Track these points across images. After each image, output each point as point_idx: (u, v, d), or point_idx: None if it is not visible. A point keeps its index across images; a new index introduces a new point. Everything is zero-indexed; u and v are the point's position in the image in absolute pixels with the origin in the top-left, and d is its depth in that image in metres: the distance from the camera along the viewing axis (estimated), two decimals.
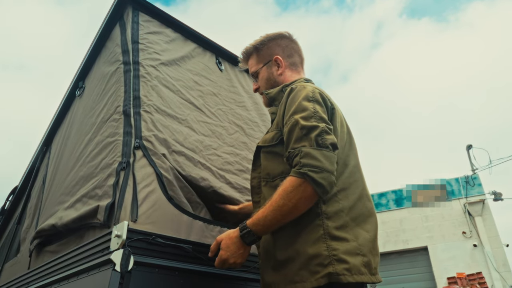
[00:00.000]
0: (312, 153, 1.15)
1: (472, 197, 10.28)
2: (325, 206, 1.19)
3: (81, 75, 2.67)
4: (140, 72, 2.06)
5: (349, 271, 1.08)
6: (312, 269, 1.10)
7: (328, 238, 1.13)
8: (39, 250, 2.07)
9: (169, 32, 2.52)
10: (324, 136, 1.19)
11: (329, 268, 1.07)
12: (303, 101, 1.28)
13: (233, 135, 2.36)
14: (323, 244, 1.12)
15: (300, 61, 1.62)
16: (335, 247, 1.11)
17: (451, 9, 64.72)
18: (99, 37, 2.51)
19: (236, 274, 1.56)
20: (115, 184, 1.53)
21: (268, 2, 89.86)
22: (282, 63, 1.57)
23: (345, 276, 1.06)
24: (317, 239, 1.13)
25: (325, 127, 1.21)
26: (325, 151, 1.16)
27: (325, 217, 1.17)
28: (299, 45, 1.65)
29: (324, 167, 1.14)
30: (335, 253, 1.10)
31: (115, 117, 1.90)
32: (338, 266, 1.07)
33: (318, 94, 1.32)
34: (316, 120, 1.22)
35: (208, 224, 1.65)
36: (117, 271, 1.16)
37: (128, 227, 1.29)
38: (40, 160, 2.97)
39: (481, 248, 9.68)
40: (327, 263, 1.08)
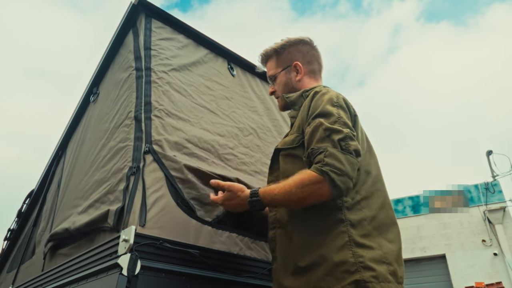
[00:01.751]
0: (337, 155, 1.16)
1: (493, 204, 10.01)
2: (349, 213, 1.19)
3: (96, 81, 2.73)
4: (152, 77, 2.09)
5: (376, 279, 1.07)
6: (338, 275, 1.09)
7: (354, 245, 1.12)
8: (52, 253, 2.11)
9: (181, 38, 2.55)
10: (348, 141, 1.19)
11: (356, 276, 1.07)
12: (327, 105, 1.29)
13: (248, 137, 2.36)
14: (349, 251, 1.11)
15: (319, 68, 1.61)
16: (361, 254, 1.10)
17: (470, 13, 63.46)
18: (113, 43, 2.56)
19: (244, 280, 1.56)
20: (125, 189, 1.55)
21: (284, 8, 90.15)
22: (301, 70, 1.57)
23: (372, 284, 1.05)
24: (342, 246, 1.13)
25: (350, 132, 1.22)
26: (349, 156, 1.17)
27: (349, 224, 1.17)
28: (319, 52, 1.64)
29: (346, 171, 1.15)
30: (362, 260, 1.09)
31: (127, 122, 1.93)
32: (365, 274, 1.07)
33: (342, 99, 1.33)
34: (340, 125, 1.23)
35: (217, 230, 1.65)
36: (124, 275, 1.17)
37: (136, 231, 1.30)
38: (56, 164, 3.03)
39: (501, 257, 9.40)
40: (354, 270, 1.07)
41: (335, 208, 1.20)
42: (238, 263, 1.59)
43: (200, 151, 1.90)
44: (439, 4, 63.94)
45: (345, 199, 1.21)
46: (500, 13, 44.98)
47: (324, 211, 1.21)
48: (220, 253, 1.55)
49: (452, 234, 10.24)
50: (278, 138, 2.66)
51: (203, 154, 1.89)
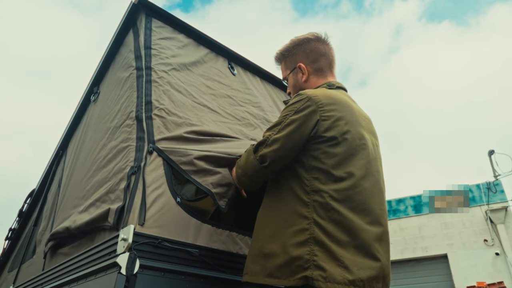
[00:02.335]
0: (247, 152, 1.44)
1: (494, 204, 9.98)
2: (315, 212, 1.21)
3: (96, 80, 2.73)
4: (152, 77, 2.08)
5: (324, 278, 1.11)
6: (293, 269, 1.15)
7: (313, 243, 1.16)
8: (53, 252, 2.11)
9: (182, 37, 2.55)
10: (262, 146, 1.36)
11: (306, 272, 1.12)
12: (285, 109, 1.39)
13: (254, 131, 2.34)
14: (307, 248, 1.16)
15: (327, 64, 1.59)
16: (316, 254, 1.14)
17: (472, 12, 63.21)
18: (113, 43, 2.56)
19: None
20: (126, 188, 1.55)
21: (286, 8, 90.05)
22: (305, 70, 1.58)
23: (318, 282, 1.10)
24: (303, 242, 1.17)
25: (272, 138, 1.33)
26: (252, 158, 1.38)
27: (313, 223, 1.20)
28: (327, 46, 1.61)
29: (242, 167, 1.44)
30: (316, 258, 1.13)
31: (128, 122, 1.93)
32: (315, 272, 1.12)
33: (307, 105, 1.33)
34: (274, 129, 1.35)
35: (217, 228, 1.65)
36: (123, 274, 1.17)
37: (135, 230, 1.30)
38: (56, 164, 3.04)
39: (503, 257, 9.38)
40: (306, 267, 1.13)
41: (303, 204, 1.24)
42: (238, 262, 1.58)
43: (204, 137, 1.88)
44: (441, 4, 63.76)
45: (315, 197, 1.23)
46: (502, 13, 44.82)
47: (293, 206, 1.25)
48: (220, 252, 1.55)
49: (454, 233, 10.22)
50: None
51: (207, 147, 1.87)
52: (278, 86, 3.19)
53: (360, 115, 1.44)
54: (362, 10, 78.19)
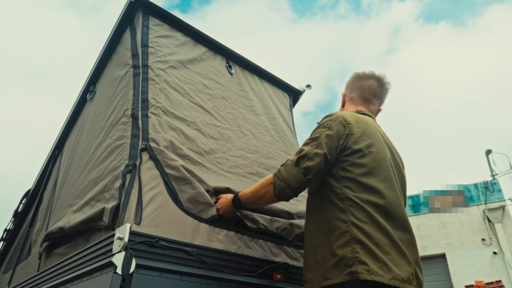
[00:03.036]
0: (287, 166, 1.47)
1: (492, 203, 10.00)
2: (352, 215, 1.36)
3: (92, 79, 2.70)
4: (149, 75, 2.06)
5: (368, 272, 1.24)
6: (340, 268, 1.29)
7: (354, 242, 1.30)
8: (48, 253, 2.08)
9: (179, 35, 2.53)
10: (304, 160, 1.44)
11: (351, 268, 1.26)
12: (319, 127, 1.54)
13: (243, 138, 2.33)
14: (349, 247, 1.30)
15: (358, 96, 1.81)
16: (357, 251, 1.28)
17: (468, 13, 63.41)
18: (110, 41, 2.53)
19: (243, 279, 1.53)
20: (121, 186, 1.53)
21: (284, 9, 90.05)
22: (343, 99, 1.88)
23: (363, 274, 1.23)
24: (345, 243, 1.31)
25: (312, 152, 1.44)
26: (296, 171, 1.43)
27: (351, 225, 1.34)
28: (367, 82, 1.82)
29: (286, 179, 1.44)
30: (358, 255, 1.27)
31: (124, 120, 1.91)
32: (359, 267, 1.25)
33: (337, 121, 1.52)
34: (312, 145, 1.46)
35: (215, 227, 1.63)
36: (118, 273, 1.15)
37: (131, 229, 1.28)
38: (52, 163, 3.00)
39: (501, 256, 9.39)
40: (351, 264, 1.26)
41: (340, 210, 1.39)
42: (236, 262, 1.56)
43: (193, 154, 1.88)
44: (438, 4, 64.02)
45: (349, 203, 1.38)
46: (498, 13, 44.99)
47: (332, 213, 1.40)
48: (218, 251, 1.53)
49: (452, 233, 10.23)
50: (276, 137, 2.63)
51: (196, 158, 1.88)
52: (277, 85, 3.18)
53: (382, 136, 1.62)
54: (360, 11, 78.39)
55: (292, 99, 3.34)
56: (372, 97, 1.81)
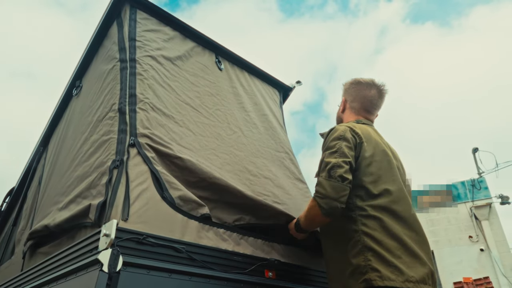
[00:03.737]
0: (322, 183, 1.47)
1: (479, 200, 10.13)
2: (362, 224, 1.43)
3: (78, 74, 2.64)
4: (137, 69, 2.02)
5: (380, 278, 1.30)
6: (356, 277, 1.36)
7: (366, 250, 1.38)
8: (32, 252, 2.02)
9: (168, 30, 2.48)
10: (335, 169, 1.46)
11: (365, 276, 1.33)
12: (333, 140, 1.59)
13: (232, 136, 2.30)
14: (362, 256, 1.37)
15: (362, 107, 1.88)
16: (369, 258, 1.35)
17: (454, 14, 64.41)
18: (96, 35, 2.47)
19: (233, 276, 1.50)
20: (108, 182, 1.48)
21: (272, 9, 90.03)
22: (343, 104, 1.95)
23: (376, 281, 1.30)
24: (357, 253, 1.39)
25: (339, 161, 1.48)
26: (333, 182, 1.44)
27: (362, 233, 1.42)
28: (370, 92, 1.88)
29: (327, 195, 1.43)
30: (370, 263, 1.35)
31: (111, 115, 1.86)
32: (372, 274, 1.32)
33: (348, 132, 1.60)
34: (335, 156, 1.51)
35: (204, 225, 1.59)
36: (105, 271, 1.10)
37: (118, 226, 1.23)
38: (37, 160, 2.92)
39: (488, 253, 9.52)
40: (365, 272, 1.34)
41: (351, 220, 1.46)
42: (227, 259, 1.53)
43: (184, 150, 1.85)
44: (424, 5, 64.81)
45: (359, 212, 1.46)
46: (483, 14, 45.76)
47: (345, 225, 1.48)
48: (208, 248, 1.49)
49: (439, 230, 10.34)
50: (265, 134, 2.60)
51: (187, 152, 1.84)
52: (266, 82, 3.15)
53: (382, 142, 1.71)
54: (348, 11, 78.92)
55: (282, 95, 3.32)
56: (372, 108, 1.89)
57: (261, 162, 2.32)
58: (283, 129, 2.94)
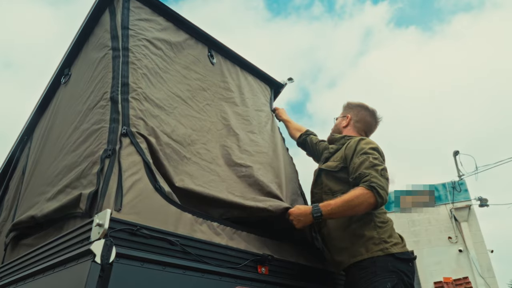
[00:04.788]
0: (379, 178, 1.78)
1: (459, 202, 10.35)
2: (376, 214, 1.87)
3: (67, 62, 2.56)
4: (130, 58, 1.97)
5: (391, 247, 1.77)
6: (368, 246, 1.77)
7: (378, 227, 1.82)
8: (15, 244, 1.94)
9: (161, 20, 2.42)
10: (385, 172, 1.83)
11: (380, 246, 1.76)
12: (371, 149, 1.92)
13: (221, 131, 2.27)
14: (375, 231, 1.81)
15: (363, 128, 2.27)
16: (382, 233, 1.81)
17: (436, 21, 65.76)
18: (87, 22, 2.40)
19: (227, 271, 1.47)
20: (99, 171, 1.44)
21: (259, 8, 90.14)
22: (348, 120, 2.30)
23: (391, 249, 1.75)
24: (371, 228, 1.82)
25: (385, 167, 1.86)
26: (386, 180, 1.80)
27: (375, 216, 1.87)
28: (373, 121, 2.30)
29: (385, 188, 1.77)
30: (383, 236, 1.79)
31: (102, 103, 1.81)
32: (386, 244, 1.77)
33: (378, 147, 1.99)
34: (380, 161, 1.87)
35: (197, 218, 1.56)
36: (97, 262, 1.06)
37: (111, 216, 1.19)
38: (20, 150, 2.82)
39: (466, 254, 9.74)
40: (378, 242, 1.77)
41: None
42: (221, 253, 1.50)
43: (174, 143, 1.82)
44: (408, 10, 66.00)
45: None
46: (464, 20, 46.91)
47: None
48: (202, 242, 1.46)
49: (420, 231, 10.52)
50: (254, 130, 2.56)
51: (177, 146, 1.82)
52: (258, 77, 3.12)
53: None
54: (334, 13, 79.73)
55: (273, 92, 3.30)
56: (369, 133, 2.30)
57: (250, 158, 2.29)
58: (273, 126, 2.92)
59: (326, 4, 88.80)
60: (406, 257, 1.77)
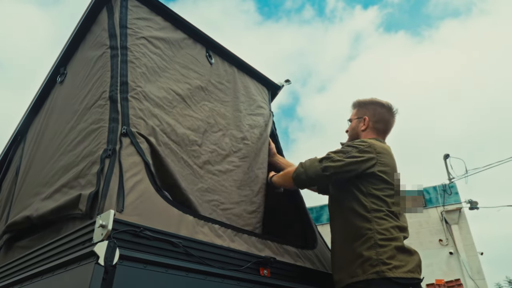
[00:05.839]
0: (312, 159, 1.81)
1: (449, 205, 10.46)
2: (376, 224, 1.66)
3: (63, 61, 2.51)
4: (129, 57, 1.94)
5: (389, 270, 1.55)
6: (365, 268, 1.59)
7: (377, 246, 1.61)
8: (8, 246, 1.89)
9: (159, 20, 2.40)
10: (327, 160, 1.76)
11: (376, 268, 1.56)
12: (349, 146, 1.80)
13: (217, 133, 2.25)
14: (374, 251, 1.60)
15: (384, 129, 2.02)
16: (381, 253, 1.59)
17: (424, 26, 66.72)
18: (84, 21, 2.36)
19: (229, 273, 1.45)
20: (99, 172, 1.40)
21: (250, 11, 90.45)
22: (367, 123, 2.02)
23: (388, 273, 1.54)
24: (369, 247, 1.62)
25: (335, 158, 1.75)
26: (318, 164, 1.78)
27: (375, 232, 1.64)
28: (392, 118, 2.05)
29: (306, 168, 1.82)
30: (381, 257, 1.58)
31: (101, 103, 1.78)
32: (383, 267, 1.56)
33: (367, 146, 1.78)
34: (338, 155, 1.76)
35: (199, 220, 1.54)
36: (101, 265, 1.03)
37: (114, 217, 1.16)
38: (14, 151, 2.76)
39: (456, 256, 9.85)
40: (375, 264, 1.57)
41: (365, 220, 1.67)
42: (223, 255, 1.48)
43: (173, 144, 1.81)
44: (397, 15, 66.85)
45: (374, 214, 1.67)
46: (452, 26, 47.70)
47: (358, 223, 1.68)
48: (204, 244, 1.44)
49: (411, 233, 10.51)
50: (246, 134, 2.53)
51: (175, 147, 1.80)
52: (256, 79, 3.10)
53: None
54: (324, 17, 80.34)
55: (270, 93, 3.29)
56: (388, 132, 2.06)
57: (243, 162, 2.28)
58: (267, 128, 2.90)
59: (317, 8, 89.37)
60: (404, 282, 1.55)
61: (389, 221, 1.67)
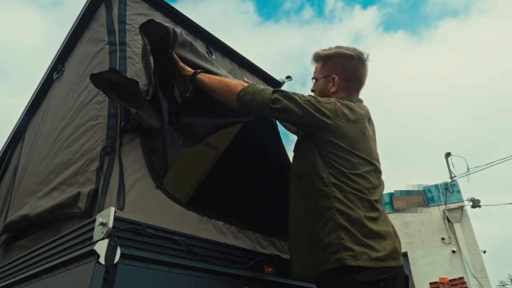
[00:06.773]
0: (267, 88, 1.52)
1: (452, 203, 10.42)
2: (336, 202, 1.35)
3: (61, 58, 2.48)
4: (127, 53, 1.91)
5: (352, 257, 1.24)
6: (327, 255, 1.30)
7: (339, 228, 1.31)
8: (7, 246, 1.85)
9: (159, 16, 2.36)
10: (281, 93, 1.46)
11: (337, 255, 1.27)
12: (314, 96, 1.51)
13: None
14: (334, 234, 1.31)
15: (357, 85, 1.70)
16: (342, 237, 1.29)
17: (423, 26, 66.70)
18: (82, 17, 2.32)
19: (233, 272, 1.41)
20: (99, 169, 1.36)
21: (250, 12, 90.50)
22: (337, 83, 1.66)
23: (349, 260, 1.24)
24: (330, 230, 1.32)
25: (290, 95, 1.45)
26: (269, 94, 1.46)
27: (335, 211, 1.34)
28: (364, 69, 1.70)
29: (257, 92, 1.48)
30: (342, 242, 1.28)
31: (99, 99, 1.74)
32: (344, 253, 1.26)
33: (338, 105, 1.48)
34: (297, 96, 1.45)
35: (202, 216, 1.50)
36: (102, 263, 0.99)
37: (115, 214, 1.12)
38: (12, 150, 2.72)
39: (459, 254, 9.80)
40: (336, 250, 1.28)
41: (325, 197, 1.37)
42: (227, 253, 1.44)
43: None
44: (396, 15, 66.88)
45: (333, 189, 1.36)
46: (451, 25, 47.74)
47: (316, 201, 1.40)
48: (207, 241, 1.40)
49: (413, 232, 10.56)
50: None
51: None
52: (256, 75, 3.07)
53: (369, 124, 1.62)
54: (324, 17, 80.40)
55: None
56: (363, 85, 1.73)
57: None
58: None
59: (316, 9, 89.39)
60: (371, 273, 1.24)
61: (353, 198, 1.35)
